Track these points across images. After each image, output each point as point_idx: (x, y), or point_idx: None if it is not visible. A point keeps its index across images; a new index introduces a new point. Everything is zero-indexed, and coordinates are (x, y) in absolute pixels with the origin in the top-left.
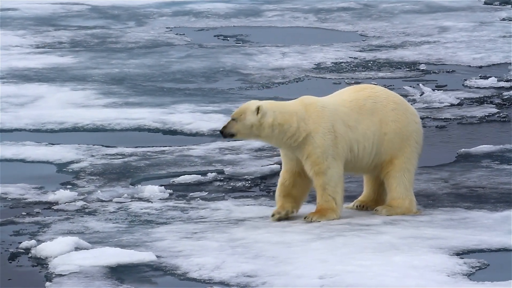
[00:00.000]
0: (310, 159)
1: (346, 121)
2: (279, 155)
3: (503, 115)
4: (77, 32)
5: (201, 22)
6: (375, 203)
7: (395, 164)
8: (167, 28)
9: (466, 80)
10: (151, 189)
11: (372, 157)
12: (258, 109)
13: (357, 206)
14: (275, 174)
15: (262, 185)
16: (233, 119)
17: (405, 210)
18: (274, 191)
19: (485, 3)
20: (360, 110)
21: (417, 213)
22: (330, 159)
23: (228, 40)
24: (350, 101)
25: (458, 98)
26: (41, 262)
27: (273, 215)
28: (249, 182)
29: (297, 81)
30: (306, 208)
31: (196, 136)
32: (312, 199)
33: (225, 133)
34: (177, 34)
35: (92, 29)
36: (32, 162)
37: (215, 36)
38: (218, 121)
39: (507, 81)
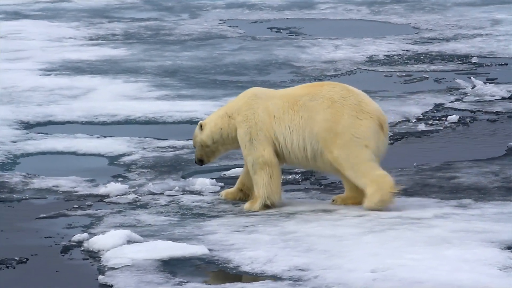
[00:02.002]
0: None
1: (272, 111)
2: None
3: None
4: (131, 24)
5: (255, 14)
6: (355, 199)
7: (340, 162)
8: (220, 20)
9: None
10: (203, 182)
11: (308, 153)
12: (201, 126)
13: (332, 200)
14: None
15: (313, 179)
16: (194, 147)
17: (381, 196)
18: (325, 185)
19: None
20: (292, 106)
21: (394, 189)
22: (248, 146)
23: (281, 32)
24: (292, 95)
25: (509, 92)
26: (93, 255)
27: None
28: (300, 175)
29: (349, 74)
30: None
31: None
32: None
33: (196, 162)
34: (230, 26)
35: (146, 21)
36: (84, 154)
37: (268, 28)
38: None
39: None
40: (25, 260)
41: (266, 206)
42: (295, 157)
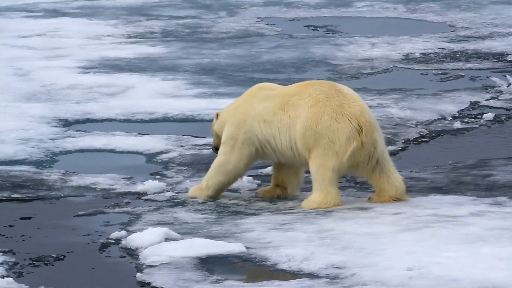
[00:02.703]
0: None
1: (263, 116)
2: None
3: None
4: (169, 22)
5: (292, 12)
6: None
7: (311, 159)
8: (258, 18)
9: None
10: (239, 180)
11: (295, 152)
12: (217, 116)
13: (368, 198)
14: None
15: (349, 176)
16: (212, 134)
17: (318, 203)
18: (361, 183)
19: None
20: (283, 106)
21: (337, 206)
22: (228, 149)
23: (318, 30)
24: (285, 94)
25: None
26: (131, 253)
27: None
28: None
29: (385, 72)
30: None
31: None
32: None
33: (213, 150)
34: (267, 24)
35: (184, 19)
36: (122, 152)
37: (305, 26)
38: None
39: None
40: (62, 257)
41: (208, 198)
42: (286, 156)
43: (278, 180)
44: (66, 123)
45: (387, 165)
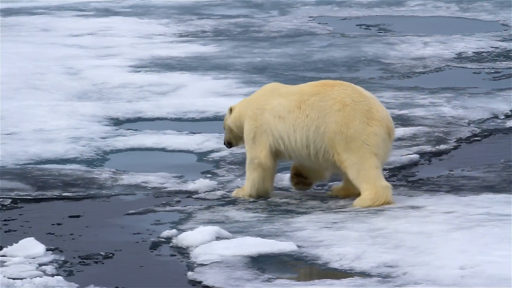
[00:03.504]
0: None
1: (278, 112)
2: (419, 145)
3: None
4: (220, 21)
5: (344, 11)
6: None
7: (348, 165)
8: (310, 17)
9: None
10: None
11: (311, 151)
12: (230, 110)
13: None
14: (414, 164)
15: (400, 175)
16: (224, 129)
17: (371, 200)
18: (413, 181)
19: None
20: (299, 104)
21: (390, 201)
22: (250, 144)
23: (370, 29)
24: (301, 93)
25: None
26: (182, 252)
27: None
28: (388, 171)
29: (437, 71)
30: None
31: None
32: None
33: (225, 144)
34: (319, 23)
35: (235, 18)
36: (173, 151)
37: (357, 25)
38: None
39: None
40: (111, 255)
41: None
42: (298, 154)
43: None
44: (117, 122)
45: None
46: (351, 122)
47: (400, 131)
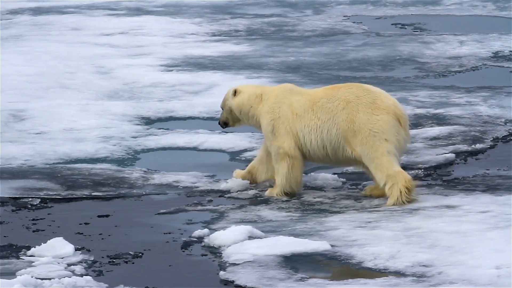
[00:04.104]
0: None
1: (295, 108)
2: (455, 144)
3: None
4: (254, 20)
5: (379, 10)
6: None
7: (363, 158)
8: (344, 16)
9: None
10: (324, 177)
11: (329, 151)
12: (235, 91)
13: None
14: (450, 163)
15: (435, 174)
16: (222, 109)
17: (396, 190)
18: (448, 180)
19: None
20: (312, 106)
21: (409, 182)
22: (270, 137)
23: (405, 28)
24: (314, 95)
25: None
26: (214, 251)
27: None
28: (423, 171)
29: (474, 70)
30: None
31: None
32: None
33: (220, 124)
34: (354, 22)
35: (269, 17)
36: (205, 150)
37: (392, 24)
38: None
39: None
40: (141, 255)
41: (285, 194)
42: (314, 154)
43: (253, 168)
44: (148, 121)
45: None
46: (355, 116)
47: (436, 130)
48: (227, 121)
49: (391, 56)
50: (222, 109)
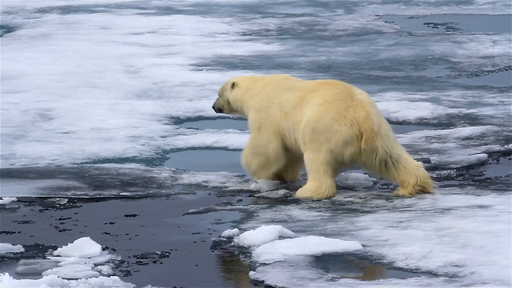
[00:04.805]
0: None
1: (284, 107)
2: (487, 144)
3: None
4: (285, 20)
5: (411, 10)
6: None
7: (306, 152)
8: (376, 16)
9: None
10: (355, 177)
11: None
12: (233, 84)
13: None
14: (482, 163)
15: (467, 174)
16: (219, 95)
17: (312, 193)
18: (480, 180)
19: None
20: (301, 101)
21: (331, 196)
22: (256, 132)
23: (437, 28)
24: (305, 90)
25: None
26: (244, 251)
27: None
28: (455, 171)
29: (507, 70)
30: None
31: (403, 125)
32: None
33: (214, 109)
34: (386, 22)
35: (300, 16)
36: (235, 150)
37: (424, 24)
38: (425, 110)
39: None
40: (169, 254)
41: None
42: (300, 152)
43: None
44: (177, 121)
45: (400, 160)
46: (322, 117)
47: (468, 130)
48: (223, 108)
49: (423, 56)
50: (219, 95)
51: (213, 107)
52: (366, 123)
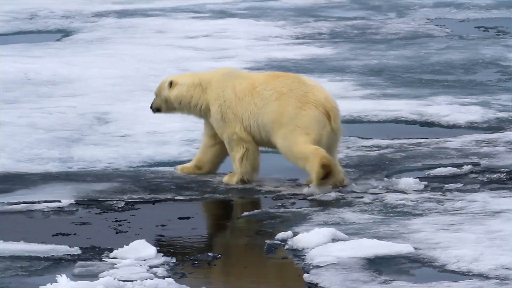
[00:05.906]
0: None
1: (238, 91)
2: None
3: None
4: (337, 23)
5: (462, 13)
6: None
7: (283, 152)
8: (427, 19)
9: None
10: (406, 181)
11: (264, 138)
12: (171, 83)
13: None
14: None
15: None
16: (156, 95)
17: (316, 164)
18: None
19: None
20: (251, 90)
21: (328, 159)
22: (221, 124)
23: (488, 31)
24: (255, 80)
25: None
26: (297, 254)
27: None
28: (505, 174)
29: None
30: None
31: (453, 129)
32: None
33: (152, 109)
34: (437, 25)
35: (353, 20)
36: None
37: (475, 27)
38: (475, 114)
39: None
40: (223, 257)
41: (243, 181)
42: (256, 139)
43: (200, 161)
44: None
45: (336, 153)
46: (285, 110)
47: None
48: (160, 108)
49: (474, 60)
50: (156, 95)
51: (150, 107)
52: (328, 102)
